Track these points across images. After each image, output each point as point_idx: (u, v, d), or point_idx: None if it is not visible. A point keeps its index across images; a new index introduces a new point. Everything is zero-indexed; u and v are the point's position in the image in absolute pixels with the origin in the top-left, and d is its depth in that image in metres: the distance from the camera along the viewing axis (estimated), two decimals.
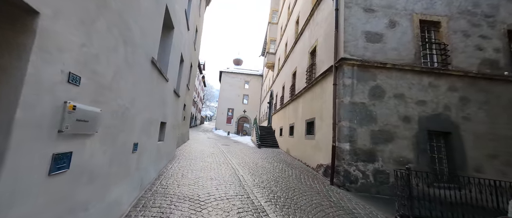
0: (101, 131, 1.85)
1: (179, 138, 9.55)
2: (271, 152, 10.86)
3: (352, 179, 4.69)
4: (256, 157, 8.63)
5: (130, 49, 2.30)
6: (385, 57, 5.28)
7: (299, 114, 9.06)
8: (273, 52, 20.19)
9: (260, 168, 6.44)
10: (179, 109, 6.61)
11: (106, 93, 1.91)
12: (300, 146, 8.47)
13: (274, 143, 13.79)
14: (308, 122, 7.72)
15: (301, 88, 8.92)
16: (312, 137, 7.09)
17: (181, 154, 7.52)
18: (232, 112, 31.11)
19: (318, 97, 6.85)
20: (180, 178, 4.55)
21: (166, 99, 4.55)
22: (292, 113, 10.40)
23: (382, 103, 5.08)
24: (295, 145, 9.19)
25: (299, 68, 9.88)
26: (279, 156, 9.53)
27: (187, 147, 9.67)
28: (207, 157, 7.56)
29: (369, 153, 4.84)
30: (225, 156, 8.08)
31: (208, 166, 5.97)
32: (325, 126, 6.05)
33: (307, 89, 8.06)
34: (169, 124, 5.25)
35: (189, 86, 11.18)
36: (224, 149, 10.31)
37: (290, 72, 11.76)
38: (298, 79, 9.89)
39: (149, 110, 3.38)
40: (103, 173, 1.99)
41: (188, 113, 12.43)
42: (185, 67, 6.80)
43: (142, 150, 3.24)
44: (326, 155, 5.76)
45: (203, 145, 11.62)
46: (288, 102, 11.41)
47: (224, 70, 32.38)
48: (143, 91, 3.00)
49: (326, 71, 6.18)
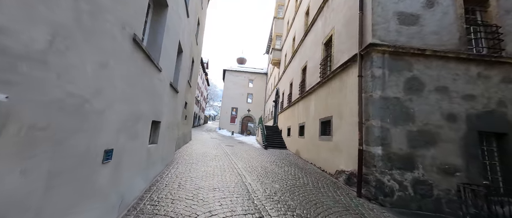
0: (14, 132, 1.04)
1: (180, 138, 8.80)
2: (279, 153, 10.02)
3: (386, 191, 3.81)
4: (264, 159, 7.80)
5: (87, 7, 1.50)
6: (423, 42, 4.37)
7: (311, 112, 8.19)
8: (279, 49, 19.31)
9: (270, 173, 5.61)
10: (178, 106, 5.83)
11: (32, 70, 1.11)
12: (312, 147, 7.60)
13: (281, 143, 12.94)
14: (323, 121, 6.84)
15: (314, 84, 8.05)
16: (328, 138, 6.22)
17: (181, 157, 6.74)
18: (236, 111, 30.35)
19: (336, 92, 5.98)
20: (176, 189, 3.75)
21: (159, 94, 3.76)
22: (303, 111, 9.53)
23: (421, 98, 4.18)
24: (307, 147, 8.33)
25: (311, 62, 9.00)
26: (288, 158, 8.68)
27: (188, 149, 8.90)
28: (210, 160, 6.77)
29: (406, 159, 3.95)
30: (230, 159, 7.27)
31: (210, 172, 5.17)
32: (346, 125, 5.18)
33: (321, 85, 7.19)
34: (165, 123, 4.47)
35: (191, 83, 10.42)
36: (228, 151, 9.52)
37: (299, 68, 10.88)
38: (309, 75, 9.01)
39: (132, 104, 2.58)
40: (23, 208, 1.17)
41: (190, 111, 11.69)
42: (185, 59, 6.01)
43: (122, 157, 2.45)
44: (349, 160, 4.89)
45: (206, 146, 10.85)
46: (297, 100, 10.54)
47: (227, 68, 31.63)
48: (121, 78, 2.20)
49: (347, 62, 5.30)
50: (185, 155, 7.17)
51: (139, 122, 2.89)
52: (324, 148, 6.46)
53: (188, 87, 9.76)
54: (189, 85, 9.78)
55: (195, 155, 7.43)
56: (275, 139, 13.49)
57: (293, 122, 11.44)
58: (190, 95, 11.04)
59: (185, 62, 6.21)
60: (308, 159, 7.91)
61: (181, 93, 6.18)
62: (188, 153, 7.72)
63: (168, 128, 4.94)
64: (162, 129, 4.25)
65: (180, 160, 6.30)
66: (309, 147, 7.99)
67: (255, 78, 31.43)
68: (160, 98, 3.78)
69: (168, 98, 4.52)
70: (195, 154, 7.79)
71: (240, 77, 31.33)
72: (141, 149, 3.09)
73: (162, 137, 4.39)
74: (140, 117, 2.91)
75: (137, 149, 2.93)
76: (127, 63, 2.33)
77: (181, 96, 6.37)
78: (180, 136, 8.78)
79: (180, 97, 6.23)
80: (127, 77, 2.34)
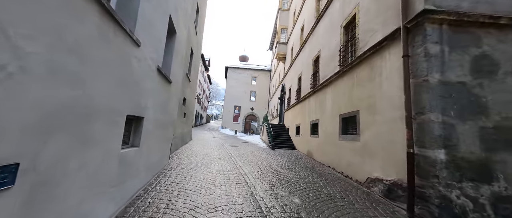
0: None
1: (178, 138, 7.79)
2: (288, 155, 8.95)
3: (456, 212, 2.72)
4: (273, 162, 6.75)
5: None
6: (494, 9, 3.25)
7: (328, 108, 7.09)
8: (284, 42, 18.19)
9: (284, 181, 4.55)
10: (172, 100, 4.80)
11: None
12: (330, 148, 6.52)
13: (289, 143, 11.88)
14: (345, 117, 5.75)
15: (330, 75, 6.95)
16: (354, 137, 5.13)
17: (177, 161, 5.72)
18: (239, 109, 29.35)
19: (364, 82, 4.88)
20: (162, 210, 2.71)
21: (138, 79, 2.73)
22: (316, 107, 8.43)
23: (495, 82, 3.07)
24: (322, 147, 7.25)
25: (325, 51, 7.89)
26: (300, 160, 7.62)
27: (187, 150, 7.89)
28: (211, 164, 5.73)
29: (480, 166, 2.85)
30: (235, 162, 6.24)
31: (211, 181, 4.13)
32: (382, 121, 4.09)
33: (341, 75, 6.09)
34: (151, 119, 3.44)
35: (191, 77, 9.40)
36: (232, 152, 8.49)
37: (310, 59, 9.77)
38: (324, 65, 7.91)
39: (75, 86, 1.54)
40: None
41: (190, 109, 10.68)
42: (180, 43, 4.97)
43: (53, 174, 1.41)
44: (388, 166, 3.81)
45: (208, 146, 9.84)
46: (308, 94, 9.45)
47: (230, 65, 30.60)
48: (44, 32, 1.17)
49: (381, 43, 4.20)
50: (182, 159, 6.15)
51: (97, 117, 1.86)
52: (348, 149, 5.38)
53: (187, 82, 8.75)
54: (187, 79, 8.76)
55: (194, 158, 6.41)
56: (282, 139, 12.43)
57: (303, 119, 10.36)
58: (190, 91, 10.04)
59: (181, 48, 5.17)
60: (325, 161, 6.82)
61: (175, 85, 5.15)
62: (187, 156, 6.70)
63: (158, 126, 3.91)
64: (146, 128, 3.23)
65: (176, 165, 5.27)
66: (326, 148, 6.90)
67: (258, 75, 30.38)
68: (138, 85, 2.75)
69: (155, 87, 3.48)
70: (195, 156, 6.77)
71: (243, 74, 30.31)
72: (104, 157, 2.05)
73: (148, 137, 3.36)
74: (99, 109, 1.87)
75: (95, 158, 1.89)
76: (59, 12, 1.30)
77: (176, 89, 5.34)
78: (178, 135, 7.77)
79: (175, 90, 5.20)
80: (57, 36, 1.31)
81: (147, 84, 3.06)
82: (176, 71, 4.97)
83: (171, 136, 5.34)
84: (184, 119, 9.26)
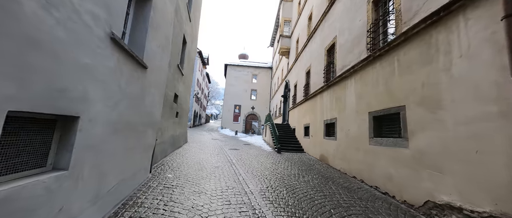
0: None
1: (167, 143, 6.47)
2: (298, 160, 7.64)
3: None
4: (283, 171, 5.43)
5: None
6: None
7: (350, 104, 5.78)
8: (288, 35, 16.85)
9: (306, 203, 3.24)
10: (147, 92, 3.47)
11: None
12: (355, 155, 5.21)
13: (297, 146, 10.57)
14: (379, 115, 4.44)
15: (354, 63, 5.63)
16: (397, 142, 3.82)
17: (161, 175, 4.39)
18: (239, 108, 28.02)
19: (413, 66, 3.56)
20: None
21: (64, 47, 1.42)
22: (331, 104, 7.12)
23: None
24: (343, 152, 5.93)
25: (344, 36, 6.57)
26: (314, 167, 6.30)
27: (178, 157, 6.56)
28: (206, 178, 4.41)
29: None
30: (236, 173, 4.92)
31: (203, 211, 2.81)
32: (454, 121, 2.78)
33: (372, 61, 4.77)
34: (101, 120, 2.11)
35: (183, 69, 8.07)
36: (233, 157, 7.17)
37: (322, 48, 8.45)
38: (343, 53, 6.59)
39: None
40: None
41: (184, 107, 9.36)
42: (158, 13, 3.60)
43: None
44: (470, 188, 2.50)
45: (205, 150, 8.52)
46: (320, 90, 8.13)
47: (229, 63, 29.26)
48: None
49: (449, 6, 2.88)
50: (169, 170, 4.82)
51: None
52: (386, 157, 4.06)
53: (179, 75, 7.42)
54: (180, 72, 7.43)
55: (185, 169, 5.08)
56: (288, 140, 11.12)
57: (313, 118, 9.05)
58: (184, 87, 8.71)
59: (162, 21, 3.82)
60: (348, 170, 5.51)
61: (156, 74, 3.81)
62: (176, 165, 5.38)
63: (121, 131, 2.59)
64: (89, 135, 1.90)
65: (158, 181, 3.94)
66: (349, 154, 5.59)
67: (259, 73, 29.05)
68: (56, 56, 1.43)
69: (109, 68, 2.16)
70: (186, 165, 5.44)
71: (243, 72, 28.96)
72: None
73: (95, 151, 2.03)
74: None
75: None
76: None
77: (158, 79, 4.01)
78: (167, 140, 6.45)
79: (157, 81, 3.87)
80: None
81: (84, 59, 1.73)
82: (156, 53, 3.63)
83: (152, 142, 4.02)
84: (177, 119, 7.94)
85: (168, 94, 6.06)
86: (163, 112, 5.63)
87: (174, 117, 7.36)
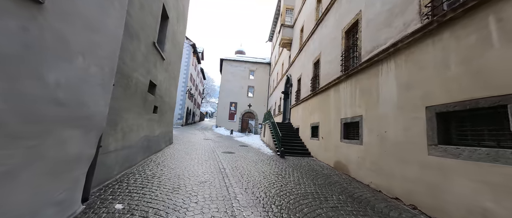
0: None
1: (138, 146, 4.80)
2: (308, 167, 6.07)
3: None
4: (295, 188, 3.83)
5: None
6: None
7: (385, 97, 4.22)
8: (290, 25, 15.25)
9: None
10: (65, 61, 1.80)
11: None
12: (398, 168, 3.66)
13: (302, 148, 9.02)
14: (450, 111, 2.88)
15: (393, 42, 4.07)
16: (498, 154, 2.27)
17: (104, 205, 2.72)
18: (235, 106, 26.33)
19: None
20: None
21: None
22: (353, 98, 5.55)
23: None
24: (373, 162, 4.37)
25: (374, 9, 4.98)
26: (333, 180, 4.74)
27: (152, 166, 4.88)
28: (180, 207, 2.77)
29: None
30: (229, 194, 3.29)
31: None
32: None
33: (435, 31, 3.20)
34: None
35: (165, 51, 6.36)
36: (227, 165, 5.54)
37: (339, 31, 6.86)
38: (370, 32, 5.02)
39: None
40: None
41: (167, 101, 7.65)
42: None
43: None
44: None
45: (192, 154, 6.85)
46: (336, 81, 6.57)
47: (225, 57, 27.49)
48: None
49: None
50: (124, 193, 3.15)
51: None
52: (476, 181, 2.52)
53: (157, 58, 5.72)
54: (158, 54, 5.73)
55: (153, 188, 3.42)
56: (292, 142, 9.56)
57: (324, 116, 7.50)
58: (166, 75, 7.01)
59: None
60: (385, 187, 3.96)
61: (82, 25, 2.14)
62: (140, 183, 3.70)
63: None
64: None
65: None
66: (386, 165, 4.03)
67: (256, 69, 27.39)
68: None
69: None
70: (158, 181, 3.78)
71: (240, 67, 27.25)
72: None
73: None
74: None
75: None
76: None
77: (99, 41, 2.34)
78: (135, 143, 4.74)
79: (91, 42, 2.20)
80: None
81: None
82: (105, 9, 1.97)
83: (83, 150, 2.35)
84: (155, 115, 6.24)
85: (137, 79, 4.37)
86: (126, 103, 3.95)
87: (150, 113, 5.67)
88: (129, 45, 3.82)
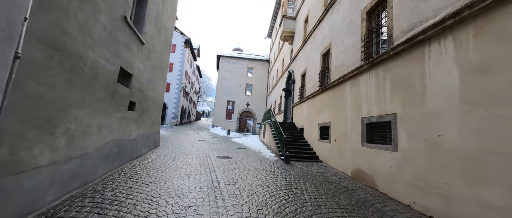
0: None
1: (100, 155, 3.55)
2: (321, 178, 4.90)
3: None
4: (312, 211, 2.69)
5: None
6: None
7: (438, 90, 3.05)
8: (292, 16, 14.08)
9: None
10: None
11: None
12: (462, 186, 2.50)
13: (309, 152, 7.87)
14: None
15: (461, 6, 2.92)
16: None
17: None
18: (232, 105, 25.08)
19: None
20: None
21: None
22: (380, 92, 4.39)
23: None
24: (420, 177, 3.20)
25: None
26: (360, 197, 3.55)
27: (119, 181, 3.64)
28: None
29: None
30: None
31: None
32: None
33: None
34: None
35: (145, 34, 5.11)
36: (221, 175, 4.34)
37: (358, 12, 5.68)
38: (405, 8, 3.85)
39: None
40: None
41: (150, 96, 6.40)
42: None
43: None
44: None
45: (179, 161, 5.62)
46: (355, 73, 5.41)
47: (222, 54, 26.21)
48: None
49: None
50: None
51: None
52: None
53: (132, 39, 4.47)
54: (133, 35, 4.49)
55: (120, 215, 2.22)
56: (296, 144, 8.41)
57: (338, 115, 6.34)
58: (149, 64, 5.76)
59: None
60: (435, 211, 2.81)
61: None
62: (84, 216, 2.49)
63: None
64: None
65: None
66: (435, 180, 2.87)
67: (255, 66, 26.20)
68: None
69: None
70: (116, 211, 2.56)
71: (238, 65, 26.00)
72: None
73: None
74: None
75: None
76: None
77: None
78: (96, 150, 3.48)
79: None
80: None
81: None
82: None
83: None
84: (133, 113, 4.99)
85: (96, 62, 3.13)
86: (77, 94, 2.72)
87: (122, 110, 4.41)
88: (75, 9, 2.59)
